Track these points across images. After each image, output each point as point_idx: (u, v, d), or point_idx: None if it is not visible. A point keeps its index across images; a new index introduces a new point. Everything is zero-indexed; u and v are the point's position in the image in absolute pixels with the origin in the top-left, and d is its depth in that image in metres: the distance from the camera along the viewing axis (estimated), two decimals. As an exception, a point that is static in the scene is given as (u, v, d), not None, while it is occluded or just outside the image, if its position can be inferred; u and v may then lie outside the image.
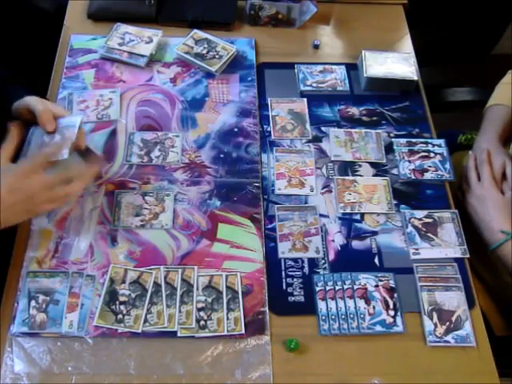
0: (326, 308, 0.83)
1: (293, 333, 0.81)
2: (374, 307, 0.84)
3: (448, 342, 0.81)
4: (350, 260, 0.89)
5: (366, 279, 0.86)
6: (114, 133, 1.01)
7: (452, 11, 1.77)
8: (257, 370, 0.78)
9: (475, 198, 0.96)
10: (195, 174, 0.97)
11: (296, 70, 1.14)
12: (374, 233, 0.92)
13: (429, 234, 0.92)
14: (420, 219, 0.93)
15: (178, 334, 0.80)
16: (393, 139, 1.04)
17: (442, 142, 1.04)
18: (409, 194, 0.97)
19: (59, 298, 0.81)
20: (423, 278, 0.87)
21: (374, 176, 0.99)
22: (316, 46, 1.19)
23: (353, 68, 1.15)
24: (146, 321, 0.80)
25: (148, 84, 1.09)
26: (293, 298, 0.85)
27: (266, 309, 0.83)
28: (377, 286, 0.86)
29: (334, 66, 1.15)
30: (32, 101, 0.84)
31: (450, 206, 0.96)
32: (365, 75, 1.10)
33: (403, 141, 1.04)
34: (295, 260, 0.88)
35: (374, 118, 1.07)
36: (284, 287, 0.86)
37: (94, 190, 0.93)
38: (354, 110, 1.08)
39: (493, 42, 2.02)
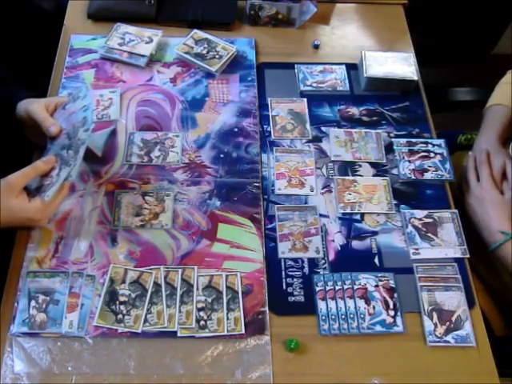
0: (326, 308, 0.83)
1: (293, 333, 0.81)
2: (373, 307, 0.84)
3: (448, 341, 0.81)
4: (350, 260, 0.89)
5: (366, 279, 0.86)
6: (114, 133, 1.01)
7: (452, 11, 1.77)
8: (257, 370, 0.77)
9: (474, 199, 0.96)
10: (195, 174, 0.97)
11: (296, 70, 1.13)
12: (374, 233, 0.92)
13: (429, 234, 0.92)
14: (420, 219, 0.93)
15: (178, 334, 0.80)
16: (393, 139, 1.04)
17: (441, 142, 1.04)
18: (409, 193, 0.97)
19: (59, 298, 0.81)
20: (423, 278, 0.87)
21: (374, 176, 0.99)
22: (316, 46, 1.19)
23: (353, 68, 1.15)
24: (145, 321, 0.80)
25: (148, 84, 1.09)
26: (293, 298, 0.85)
27: (266, 309, 0.83)
28: (377, 286, 0.86)
29: (334, 66, 1.15)
30: (33, 110, 0.87)
31: (450, 206, 0.96)
32: (365, 75, 1.10)
33: (403, 141, 1.04)
34: (295, 260, 0.88)
35: (374, 118, 1.07)
36: (284, 287, 0.86)
37: (94, 189, 0.93)
38: (354, 110, 1.08)
39: (493, 42, 2.02)
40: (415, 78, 1.10)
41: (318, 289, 0.85)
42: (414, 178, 0.99)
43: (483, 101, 1.12)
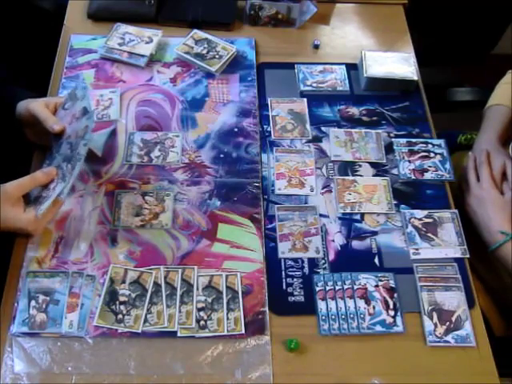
0: (326, 308, 0.83)
1: (293, 333, 0.81)
2: (373, 307, 0.84)
3: (448, 342, 0.81)
4: (350, 260, 0.89)
5: (366, 279, 0.86)
6: (113, 133, 1.01)
7: (452, 11, 1.77)
8: (257, 370, 0.77)
9: (474, 199, 0.96)
10: (195, 173, 0.97)
11: (296, 70, 1.13)
12: (374, 233, 0.92)
13: (429, 234, 0.92)
14: (420, 219, 0.93)
15: (178, 334, 0.80)
16: (393, 139, 1.04)
17: (441, 142, 1.04)
18: (409, 194, 0.97)
19: (59, 297, 0.81)
20: (423, 278, 0.87)
21: (374, 176, 0.99)
22: (316, 46, 1.19)
23: (353, 68, 1.15)
24: (146, 321, 0.80)
25: (148, 84, 1.09)
26: (293, 298, 0.85)
27: (266, 309, 0.83)
28: (377, 286, 0.86)
29: (334, 66, 1.15)
30: (34, 108, 0.87)
31: (450, 206, 0.96)
32: (365, 75, 1.10)
33: (403, 141, 1.04)
34: (295, 260, 0.88)
35: (374, 118, 1.07)
36: (284, 287, 0.86)
37: (93, 189, 0.93)
38: (354, 110, 1.08)
39: (493, 42, 2.02)
40: (415, 77, 1.10)
41: (318, 289, 0.85)
42: (414, 177, 0.99)
43: (483, 101, 1.12)
